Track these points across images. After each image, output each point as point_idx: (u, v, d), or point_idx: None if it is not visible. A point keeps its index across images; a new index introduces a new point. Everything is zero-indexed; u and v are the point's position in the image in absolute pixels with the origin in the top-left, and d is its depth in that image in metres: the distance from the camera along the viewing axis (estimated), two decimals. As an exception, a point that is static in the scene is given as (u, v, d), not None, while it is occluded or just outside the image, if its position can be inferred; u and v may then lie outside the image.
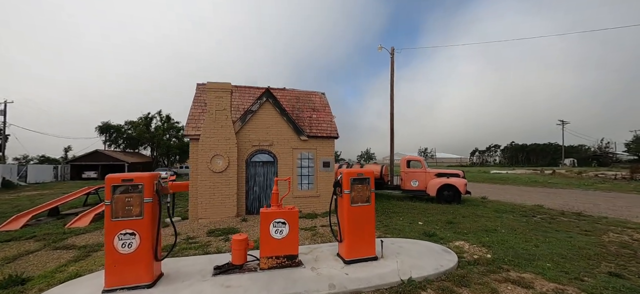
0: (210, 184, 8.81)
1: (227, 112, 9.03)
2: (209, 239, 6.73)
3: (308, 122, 10.53)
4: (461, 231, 7.19)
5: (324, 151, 10.37)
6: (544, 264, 4.91)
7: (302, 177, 10.10)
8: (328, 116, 11.13)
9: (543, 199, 13.83)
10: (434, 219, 8.62)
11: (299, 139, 10.02)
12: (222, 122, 8.98)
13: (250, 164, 9.60)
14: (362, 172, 4.88)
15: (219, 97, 8.99)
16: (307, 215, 9.18)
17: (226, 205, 8.92)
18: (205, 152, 8.82)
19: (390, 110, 17.88)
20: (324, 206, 10.19)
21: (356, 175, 4.83)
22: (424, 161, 12.85)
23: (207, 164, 8.79)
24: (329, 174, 10.35)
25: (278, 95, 11.04)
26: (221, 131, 8.96)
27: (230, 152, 9.00)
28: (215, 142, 8.89)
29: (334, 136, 10.43)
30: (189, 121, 9.49)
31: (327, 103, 11.80)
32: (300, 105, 11.21)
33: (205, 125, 8.88)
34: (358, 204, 4.80)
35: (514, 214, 9.63)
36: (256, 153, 9.68)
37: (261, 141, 9.68)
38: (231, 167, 8.98)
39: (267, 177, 9.77)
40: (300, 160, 10.09)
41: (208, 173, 8.80)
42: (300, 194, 9.99)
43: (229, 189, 8.96)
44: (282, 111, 9.83)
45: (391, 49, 18.73)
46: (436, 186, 11.87)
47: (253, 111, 9.57)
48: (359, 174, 4.84)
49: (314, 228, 7.58)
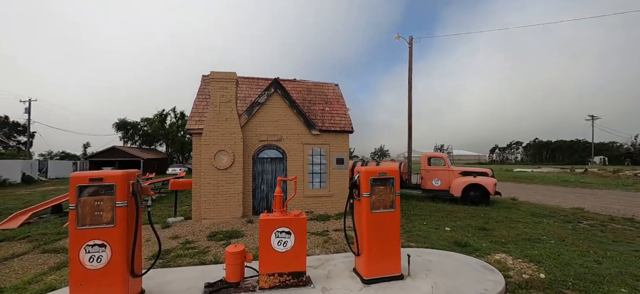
0: (214, 182, 8.14)
1: (232, 105, 8.32)
2: (208, 244, 6.03)
3: (320, 116, 9.68)
4: (498, 240, 6.14)
5: (338, 146, 9.49)
6: (617, 290, 3.86)
7: (314, 175, 9.27)
8: (342, 108, 10.23)
9: (580, 201, 12.40)
10: (463, 224, 7.59)
11: (310, 133, 9.19)
12: (226, 115, 8.28)
13: (257, 160, 8.87)
14: (385, 172, 3.98)
15: (223, 88, 8.28)
16: (319, 217, 8.35)
17: (231, 205, 8.23)
18: (208, 148, 8.15)
19: (408, 103, 16.72)
20: (338, 207, 9.33)
21: (377, 174, 3.93)
22: (447, 158, 11.72)
23: (211, 161, 8.12)
24: (342, 172, 9.47)
25: (288, 87, 10.24)
26: (226, 125, 8.26)
27: (236, 147, 8.29)
28: (219, 137, 8.20)
29: (349, 130, 9.53)
30: (192, 115, 8.85)
31: (341, 95, 10.90)
32: (312, 97, 10.37)
33: (209, 118, 8.20)
34: (379, 211, 3.91)
35: (555, 219, 8.42)
36: (264, 149, 8.93)
37: (269, 136, 8.92)
38: (236, 163, 8.28)
39: (276, 174, 9.00)
40: (311, 156, 9.27)
41: (211, 170, 8.13)
42: (311, 193, 9.18)
43: (234, 187, 8.26)
44: (292, 103, 9.02)
45: (409, 38, 17.52)
46: (461, 186, 10.75)
47: (260, 103, 8.81)
48: (380, 173, 3.95)
49: (326, 233, 6.74)
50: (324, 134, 9.33)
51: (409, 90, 16.82)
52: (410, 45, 17.44)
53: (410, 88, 16.83)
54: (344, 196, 9.40)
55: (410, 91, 16.79)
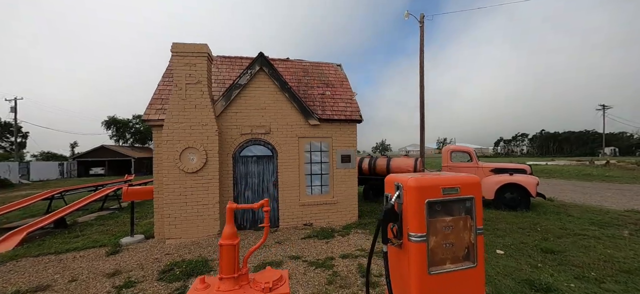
0: (181, 189, 6.13)
1: (203, 87, 6.28)
2: (156, 289, 4.04)
3: (320, 102, 7.63)
4: (584, 275, 4.13)
5: (343, 139, 7.47)
6: None
7: (313, 177, 7.27)
8: (347, 92, 8.17)
9: (625, 200, 10.44)
10: (515, 242, 5.58)
11: (307, 124, 7.17)
12: (195, 100, 6.24)
13: (239, 159, 6.85)
14: (455, 185, 1.94)
15: (190, 65, 6.23)
16: (321, 233, 6.35)
17: (204, 220, 6.24)
18: (171, 145, 6.13)
19: (420, 90, 14.66)
20: (344, 217, 7.34)
21: (440, 191, 1.91)
22: (473, 152, 9.69)
23: (175, 162, 6.10)
24: (349, 173, 7.46)
25: (280, 68, 8.20)
26: (195, 114, 6.23)
27: (209, 143, 6.27)
28: (186, 130, 6.18)
29: (356, 119, 7.48)
30: (152, 101, 6.80)
31: (345, 76, 8.83)
32: (309, 80, 8.31)
33: (172, 105, 6.17)
34: (448, 269, 1.89)
35: (625, 228, 6.43)
36: (247, 145, 6.91)
37: (254, 128, 6.89)
38: (210, 164, 6.27)
39: (264, 177, 6.99)
40: (309, 153, 7.25)
41: (177, 174, 6.12)
42: (309, 200, 7.18)
43: (208, 196, 6.26)
44: (283, 84, 6.98)
45: (420, 16, 15.39)
46: (495, 186, 8.73)
47: (241, 85, 6.76)
48: (446, 189, 1.92)
49: (329, 263, 4.74)
50: (324, 125, 7.31)
51: (420, 75, 14.75)
52: (421, 24, 15.33)
53: (422, 73, 14.76)
54: (351, 202, 7.39)
55: (422, 76, 14.72)
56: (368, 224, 7.01)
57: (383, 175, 10.53)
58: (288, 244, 5.77)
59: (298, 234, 6.38)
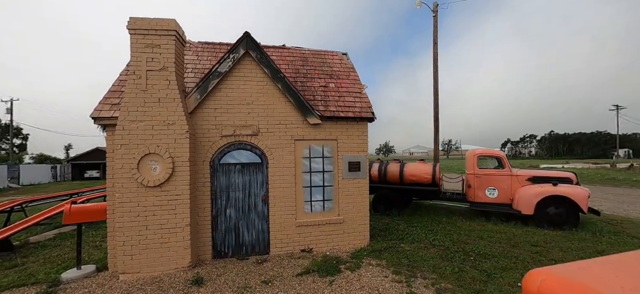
0: (139, 209, 4.68)
1: (169, 75, 4.83)
2: None
3: (322, 95, 6.15)
4: None
5: (350, 142, 5.97)
6: None
7: (313, 190, 5.78)
8: (355, 85, 6.69)
9: None
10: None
11: (305, 122, 5.69)
12: (159, 93, 4.79)
13: (218, 168, 5.38)
14: None
15: (152, 45, 4.79)
16: (322, 264, 4.84)
17: (171, 248, 4.77)
18: (127, 150, 4.69)
19: (434, 86, 13.14)
20: (352, 240, 5.84)
21: None
22: (505, 157, 8.13)
23: (132, 173, 4.65)
24: (358, 184, 5.96)
25: (274, 56, 6.75)
26: (158, 110, 4.78)
27: (177, 148, 4.81)
28: (146, 131, 4.73)
29: (368, 117, 5.98)
30: (108, 95, 5.36)
31: (353, 67, 7.35)
32: (309, 70, 6.84)
33: (128, 99, 4.73)
34: None
35: None
36: (229, 149, 5.44)
37: (238, 128, 5.42)
38: (179, 175, 4.80)
39: (250, 191, 5.51)
40: (308, 160, 5.77)
41: (134, 189, 4.66)
42: (308, 219, 5.68)
43: (177, 217, 4.79)
44: (275, 73, 5.50)
45: (433, 5, 13.89)
46: (535, 199, 7.17)
47: (221, 73, 5.29)
48: None
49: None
50: (328, 124, 5.82)
51: (434, 68, 13.24)
52: (435, 14, 13.82)
53: (435, 66, 13.25)
54: (362, 222, 5.89)
55: (435, 69, 13.21)
56: (384, 251, 5.49)
57: (395, 183, 9.02)
58: (279, 284, 4.28)
59: (293, 267, 4.88)
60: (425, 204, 10.49)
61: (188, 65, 6.26)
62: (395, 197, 8.98)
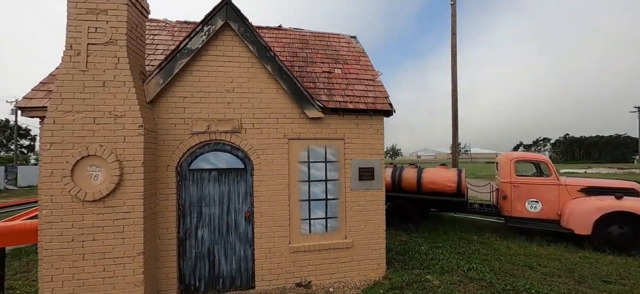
0: (74, 231, 3.43)
1: (118, 51, 3.58)
2: None
3: (325, 83, 4.84)
4: None
5: (362, 142, 4.63)
6: None
7: (313, 205, 4.45)
8: (367, 71, 5.36)
9: None
10: None
11: (303, 116, 4.38)
12: (104, 74, 3.55)
13: (187, 175, 4.10)
14: None
15: (95, 12, 3.55)
16: (323, 312, 3.50)
17: (118, 283, 3.49)
18: (59, 150, 3.45)
19: (452, 80, 11.72)
20: (363, 270, 4.49)
21: None
22: (551, 163, 6.66)
23: (64, 181, 3.41)
24: (372, 196, 4.60)
25: (268, 38, 5.50)
26: (102, 96, 3.53)
27: (128, 148, 3.55)
28: (85, 125, 3.49)
29: (384, 109, 4.63)
30: (46, 80, 4.15)
31: (363, 51, 6.02)
32: (308, 53, 5.55)
33: (61, 81, 3.49)
34: None
35: None
36: (203, 151, 4.16)
37: (214, 122, 4.14)
38: (129, 185, 3.53)
39: (230, 205, 4.22)
40: (307, 165, 4.45)
41: (67, 203, 3.42)
42: (306, 243, 4.36)
43: (125, 242, 3.52)
44: (263, 51, 4.21)
45: (452, -8, 12.48)
46: (593, 215, 5.71)
47: (192, 50, 4.01)
48: None
49: None
50: (332, 119, 4.50)
51: (452, 62, 11.82)
52: (453, 3, 12.42)
53: (454, 59, 11.83)
54: (375, 245, 4.54)
55: (454, 63, 11.79)
56: (406, 289, 4.10)
57: (412, 192, 7.63)
58: (259, 346, 2.95)
59: (283, 313, 3.56)
60: (446, 217, 9.05)
61: (160, 46, 5.06)
62: (412, 208, 7.59)
